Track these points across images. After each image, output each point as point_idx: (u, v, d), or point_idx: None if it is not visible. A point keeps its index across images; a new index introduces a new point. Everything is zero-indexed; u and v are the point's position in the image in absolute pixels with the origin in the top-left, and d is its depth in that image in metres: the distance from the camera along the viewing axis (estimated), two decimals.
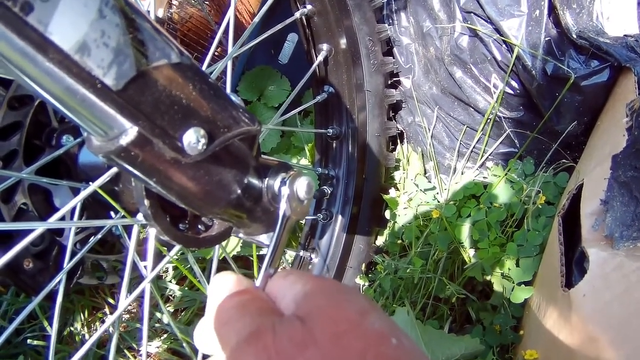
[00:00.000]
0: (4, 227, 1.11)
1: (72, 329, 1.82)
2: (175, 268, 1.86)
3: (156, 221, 0.74)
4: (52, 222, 0.96)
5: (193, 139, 0.60)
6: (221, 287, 0.62)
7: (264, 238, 0.91)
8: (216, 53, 2.27)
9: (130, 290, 1.06)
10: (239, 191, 0.72)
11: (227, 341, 0.54)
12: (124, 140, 0.56)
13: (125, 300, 1.02)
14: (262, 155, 0.78)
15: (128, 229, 1.24)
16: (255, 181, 0.76)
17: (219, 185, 0.69)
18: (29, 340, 1.73)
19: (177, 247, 1.01)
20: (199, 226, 0.83)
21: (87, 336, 1.82)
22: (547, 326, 1.27)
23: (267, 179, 0.78)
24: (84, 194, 0.92)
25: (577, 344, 1.13)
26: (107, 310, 1.87)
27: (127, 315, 1.87)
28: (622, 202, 1.16)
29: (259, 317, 0.54)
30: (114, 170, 0.96)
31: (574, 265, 1.25)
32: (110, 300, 1.87)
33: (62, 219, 1.21)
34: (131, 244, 1.01)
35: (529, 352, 1.27)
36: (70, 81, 0.51)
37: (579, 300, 1.15)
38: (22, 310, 1.79)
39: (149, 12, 1.15)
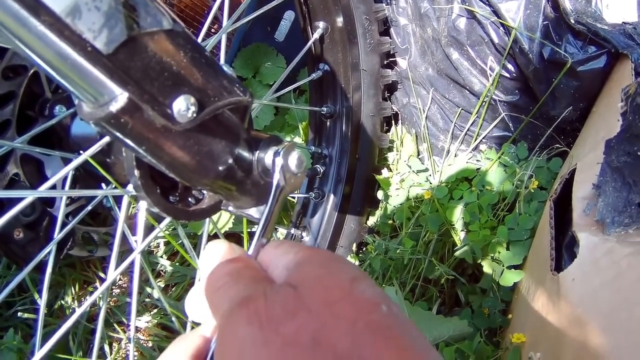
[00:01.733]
0: None
1: (62, 302, 1.82)
2: (166, 243, 1.86)
3: (146, 192, 0.74)
4: (43, 190, 0.96)
5: (183, 106, 0.60)
6: (213, 254, 0.62)
7: (253, 212, 0.91)
8: (213, 30, 2.27)
9: (119, 263, 1.06)
10: (229, 162, 0.72)
11: (219, 307, 0.54)
12: (114, 107, 0.56)
13: (114, 272, 1.02)
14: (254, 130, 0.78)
15: (119, 201, 1.24)
16: (245, 153, 0.76)
17: (208, 155, 0.68)
18: (19, 313, 1.73)
19: (167, 219, 1.00)
20: (190, 199, 0.83)
21: (77, 310, 1.82)
22: (536, 310, 1.27)
23: (257, 151, 0.78)
24: (75, 163, 0.91)
25: (565, 328, 1.13)
26: (97, 284, 1.86)
27: (118, 290, 1.87)
28: (615, 187, 1.16)
29: (251, 284, 0.55)
30: (106, 140, 0.96)
31: (564, 249, 1.25)
32: (101, 274, 1.87)
33: (54, 189, 1.21)
34: (121, 215, 1.01)
35: (516, 335, 1.27)
36: (62, 45, 0.51)
37: (568, 285, 1.15)
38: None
39: None
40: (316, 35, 1.49)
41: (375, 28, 1.58)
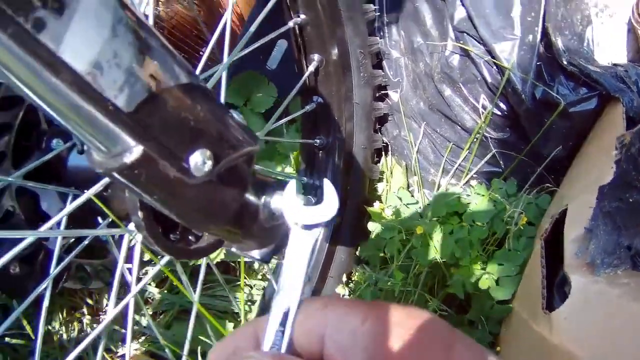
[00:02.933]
0: None
1: (49, 327, 1.81)
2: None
3: (149, 233, 0.74)
4: (43, 231, 0.96)
5: (199, 160, 0.60)
6: None
7: (255, 253, 0.91)
8: (201, 53, 2.27)
9: (114, 296, 1.06)
10: (237, 209, 0.72)
11: None
12: (128, 159, 0.55)
13: (112, 311, 1.01)
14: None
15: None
16: (252, 199, 0.76)
17: (218, 204, 0.68)
18: (7, 339, 1.72)
19: (167, 257, 1.00)
20: (190, 237, 0.82)
21: (65, 335, 1.81)
22: (526, 345, 1.29)
23: (264, 196, 0.78)
24: (76, 203, 0.91)
25: None
26: (84, 310, 1.86)
27: (105, 316, 1.87)
28: (606, 230, 1.17)
29: None
30: (107, 180, 0.95)
31: (556, 288, 1.26)
32: (89, 301, 1.86)
33: (49, 219, 1.20)
34: (121, 255, 1.01)
35: None
36: (79, 100, 0.50)
37: (559, 323, 1.16)
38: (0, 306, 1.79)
39: (144, 14, 1.14)
40: (311, 68, 1.49)
41: (368, 61, 1.59)
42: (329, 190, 0.74)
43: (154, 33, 0.55)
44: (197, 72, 1.13)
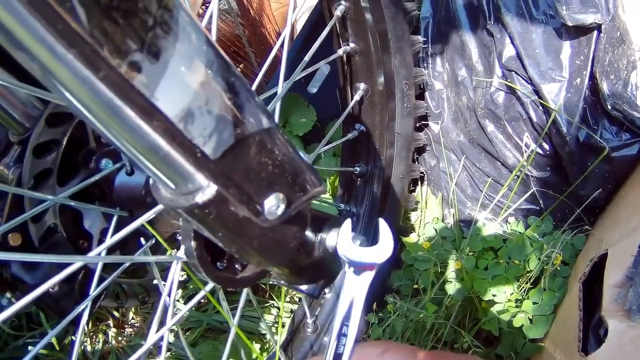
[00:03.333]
0: (39, 259, 1.09)
1: (73, 338, 1.80)
2: (184, 288, 1.86)
3: (200, 262, 0.74)
4: (90, 257, 0.95)
5: (274, 204, 0.60)
6: None
7: (304, 287, 0.91)
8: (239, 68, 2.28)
9: (157, 322, 1.05)
10: (296, 247, 0.72)
11: None
12: (200, 198, 0.55)
13: (152, 337, 1.01)
14: None
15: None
16: (310, 235, 0.77)
17: (280, 243, 0.68)
18: (29, 347, 1.72)
19: (212, 284, 1.00)
20: (236, 265, 0.82)
21: (89, 347, 1.80)
22: None
23: (320, 233, 0.78)
24: (128, 229, 0.90)
25: None
26: (110, 322, 1.86)
27: (131, 329, 1.87)
28: None
29: None
30: (159, 208, 0.95)
31: (591, 331, 1.26)
32: (115, 313, 1.86)
33: (91, 238, 1.20)
34: (166, 285, 1.00)
35: None
36: (167, 146, 0.50)
37: None
38: (23, 314, 1.79)
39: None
40: (357, 97, 1.50)
41: (412, 92, 1.59)
42: (385, 231, 0.74)
43: (239, 76, 0.55)
44: None
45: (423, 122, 1.78)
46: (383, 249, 0.71)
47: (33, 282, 1.07)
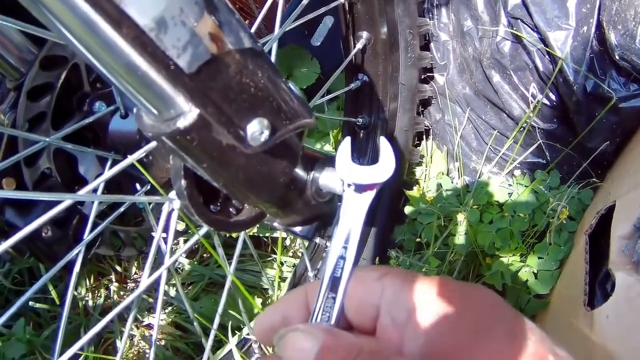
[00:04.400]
0: (30, 196, 1.07)
1: (75, 293, 1.79)
2: (185, 241, 1.84)
3: (191, 202, 0.71)
4: (81, 195, 0.93)
5: (257, 129, 0.57)
6: (296, 355, 0.48)
7: (298, 229, 0.88)
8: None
9: (144, 262, 1.03)
10: (285, 183, 0.69)
11: None
12: (182, 123, 0.53)
13: (146, 280, 0.99)
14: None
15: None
16: (301, 173, 0.74)
17: (267, 176, 0.66)
18: (30, 302, 1.70)
19: (206, 228, 0.98)
20: (231, 209, 0.80)
21: (90, 302, 1.79)
22: (563, 342, 1.26)
23: (313, 172, 0.76)
24: (118, 167, 0.89)
25: None
26: (112, 277, 1.84)
27: (133, 284, 1.86)
28: None
29: None
30: (151, 145, 0.93)
31: (598, 285, 1.24)
32: (117, 268, 1.85)
33: (86, 183, 1.18)
34: (159, 224, 0.98)
35: None
36: (139, 58, 0.48)
37: (601, 322, 1.14)
38: (26, 269, 1.78)
39: None
40: (359, 46, 1.47)
41: (416, 42, 1.56)
42: (386, 149, 0.70)
43: None
44: None
45: (428, 74, 1.75)
46: (384, 168, 0.68)
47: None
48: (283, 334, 0.50)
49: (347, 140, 0.70)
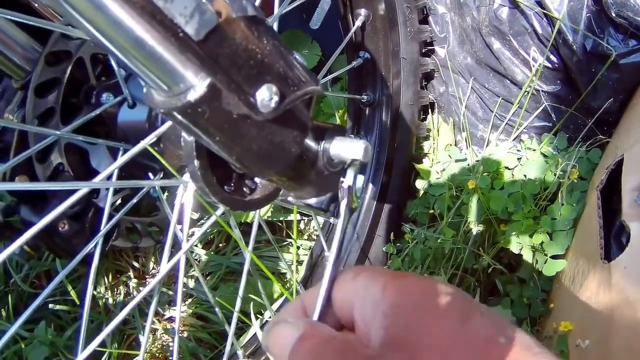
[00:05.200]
0: (45, 187, 1.09)
1: (95, 292, 1.80)
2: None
3: (205, 182, 0.72)
4: (95, 182, 0.94)
5: (266, 95, 0.58)
6: (280, 341, 0.56)
7: (313, 201, 0.90)
8: None
9: (161, 254, 1.04)
10: (297, 153, 0.70)
11: None
12: (192, 96, 0.54)
13: (165, 266, 1.00)
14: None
15: (164, 189, 1.23)
16: (312, 144, 0.75)
17: (280, 146, 0.66)
18: (50, 305, 1.72)
19: (221, 209, 0.99)
20: (244, 188, 0.81)
21: (110, 300, 1.81)
22: (583, 298, 1.27)
23: (323, 142, 0.77)
24: (130, 153, 0.90)
25: (616, 316, 1.13)
26: (131, 273, 1.86)
27: (151, 280, 1.86)
28: None
29: None
30: (161, 129, 0.94)
31: (613, 238, 1.24)
32: (135, 264, 1.86)
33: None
34: (175, 209, 0.99)
35: (563, 323, 1.26)
36: (148, 27, 0.49)
37: (619, 273, 1.15)
38: (44, 272, 1.80)
39: None
40: (358, 23, 1.48)
41: (415, 16, 1.57)
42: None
43: None
44: None
45: (429, 47, 1.75)
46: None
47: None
48: (271, 327, 0.57)
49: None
